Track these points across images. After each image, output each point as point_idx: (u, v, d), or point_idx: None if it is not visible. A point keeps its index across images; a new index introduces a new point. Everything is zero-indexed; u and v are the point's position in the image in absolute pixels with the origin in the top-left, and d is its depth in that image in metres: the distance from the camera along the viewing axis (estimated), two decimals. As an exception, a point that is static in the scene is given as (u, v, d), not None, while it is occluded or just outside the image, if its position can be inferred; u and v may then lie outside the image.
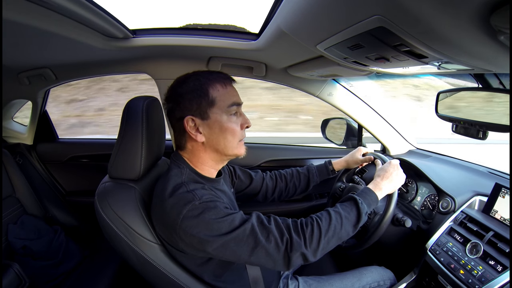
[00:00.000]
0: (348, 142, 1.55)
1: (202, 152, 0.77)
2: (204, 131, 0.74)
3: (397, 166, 0.91)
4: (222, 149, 0.76)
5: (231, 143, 0.76)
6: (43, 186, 1.58)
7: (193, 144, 0.77)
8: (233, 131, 0.75)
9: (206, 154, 0.77)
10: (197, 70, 0.78)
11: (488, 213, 0.88)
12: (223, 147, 0.76)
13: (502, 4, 0.28)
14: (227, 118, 0.74)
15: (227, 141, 0.75)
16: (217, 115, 0.73)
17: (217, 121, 0.73)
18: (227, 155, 0.79)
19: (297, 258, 0.68)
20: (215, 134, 0.74)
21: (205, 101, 0.73)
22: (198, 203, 0.66)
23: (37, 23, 0.71)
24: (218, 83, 0.74)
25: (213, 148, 0.76)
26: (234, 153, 0.78)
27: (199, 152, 0.77)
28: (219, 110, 0.73)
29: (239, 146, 0.78)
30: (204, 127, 0.74)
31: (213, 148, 0.76)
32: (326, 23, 0.54)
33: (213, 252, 0.67)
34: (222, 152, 0.77)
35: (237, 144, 0.77)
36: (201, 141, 0.75)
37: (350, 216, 0.75)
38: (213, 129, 0.74)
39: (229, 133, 0.75)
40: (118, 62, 1.27)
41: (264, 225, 0.69)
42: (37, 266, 1.20)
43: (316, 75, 1.14)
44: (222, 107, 0.73)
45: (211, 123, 0.74)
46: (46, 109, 1.66)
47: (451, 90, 0.81)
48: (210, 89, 0.73)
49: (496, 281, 0.72)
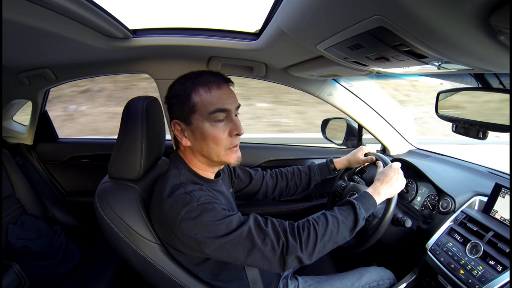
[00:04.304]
0: (348, 142, 1.55)
1: (191, 155, 0.77)
2: (188, 136, 0.73)
3: (398, 170, 0.89)
4: (207, 155, 0.74)
5: (214, 151, 0.72)
6: (43, 186, 1.58)
7: (184, 146, 0.77)
8: (216, 139, 0.71)
9: (196, 158, 0.77)
10: (197, 70, 0.77)
11: (488, 213, 0.88)
12: (207, 154, 0.74)
13: (502, 4, 0.28)
14: (209, 125, 0.70)
15: (210, 148, 0.72)
16: (199, 121, 0.70)
17: (198, 128, 0.71)
18: (214, 162, 0.76)
19: (292, 261, 0.68)
20: (198, 140, 0.72)
21: (186, 107, 0.70)
22: (196, 204, 0.66)
23: (37, 23, 0.71)
24: (201, 88, 0.70)
25: (199, 153, 0.75)
26: (220, 160, 0.74)
27: (189, 155, 0.77)
28: (200, 116, 0.70)
29: (227, 154, 0.74)
30: (188, 132, 0.73)
31: (199, 153, 0.75)
32: (326, 23, 0.54)
33: (210, 253, 0.67)
34: (208, 158, 0.75)
35: (224, 152, 0.73)
36: (187, 145, 0.74)
37: (347, 220, 0.75)
38: (195, 135, 0.72)
39: (211, 140, 0.71)
40: (118, 62, 1.27)
41: (261, 228, 0.69)
42: (37, 266, 1.20)
43: (316, 75, 1.14)
44: (203, 114, 0.70)
45: (193, 128, 0.72)
46: (46, 109, 1.66)
47: (451, 90, 0.81)
48: (192, 94, 0.70)
49: (496, 281, 0.72)
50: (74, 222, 1.55)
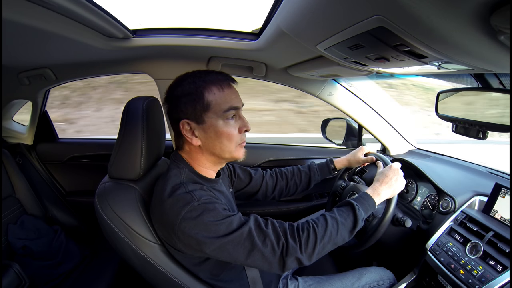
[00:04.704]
0: (348, 142, 1.55)
1: (199, 155, 0.77)
2: (199, 135, 0.73)
3: (398, 171, 0.89)
4: (219, 153, 0.75)
5: (227, 148, 0.74)
6: (43, 186, 1.58)
7: (190, 146, 0.76)
8: (230, 136, 0.73)
9: (203, 157, 0.77)
10: (197, 69, 0.77)
11: (488, 213, 0.88)
12: (219, 151, 0.75)
13: (502, 4, 0.28)
14: (223, 122, 0.72)
15: (223, 145, 0.74)
16: (213, 119, 0.71)
17: (212, 126, 0.72)
18: (224, 159, 0.78)
19: (292, 262, 0.68)
20: (210, 138, 0.73)
21: (200, 106, 0.71)
22: (197, 204, 0.66)
23: (37, 23, 0.71)
24: (214, 86, 0.71)
25: (209, 151, 0.76)
26: (231, 156, 0.76)
27: (196, 154, 0.77)
28: (214, 115, 0.71)
29: (237, 150, 0.76)
30: (199, 131, 0.73)
31: (209, 152, 0.76)
32: (326, 23, 0.54)
33: (210, 253, 0.67)
34: (219, 156, 0.76)
35: (235, 148, 0.75)
36: (197, 144, 0.74)
37: (346, 222, 0.75)
38: (208, 133, 0.73)
39: (225, 138, 0.73)
40: (118, 62, 1.27)
41: (261, 229, 0.69)
42: (37, 266, 1.20)
43: (316, 75, 1.14)
44: (217, 112, 0.71)
45: (206, 127, 0.72)
46: (46, 109, 1.66)
47: (451, 90, 0.81)
48: (205, 92, 0.70)
49: (496, 281, 0.72)
50: (74, 222, 1.55)
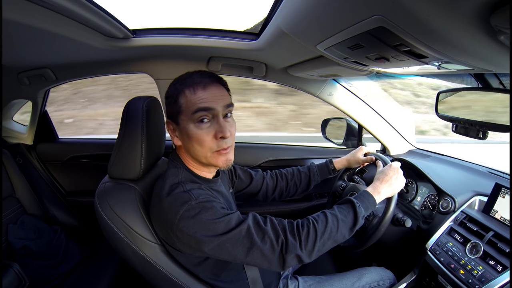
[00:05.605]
0: (348, 142, 1.55)
1: (185, 155, 0.77)
2: (179, 136, 0.75)
3: (398, 170, 0.89)
4: (195, 156, 0.74)
5: (200, 153, 0.72)
6: (43, 186, 1.57)
7: (177, 146, 0.78)
8: (200, 141, 0.70)
9: (188, 157, 0.77)
10: (197, 70, 0.77)
11: (488, 213, 0.88)
12: (194, 155, 0.74)
13: (502, 4, 0.28)
14: (194, 126, 0.70)
15: (196, 150, 0.72)
16: (185, 122, 0.71)
17: (184, 129, 0.72)
18: (203, 164, 0.76)
19: (292, 260, 0.68)
20: (185, 141, 0.73)
21: (175, 108, 0.72)
22: (195, 203, 0.66)
23: (37, 23, 0.71)
24: (187, 89, 0.70)
25: (189, 154, 0.76)
26: (208, 162, 0.74)
27: (183, 154, 0.78)
28: (185, 117, 0.71)
29: (214, 157, 0.72)
30: (178, 133, 0.75)
31: (189, 154, 0.76)
32: (326, 23, 0.54)
33: (209, 251, 0.67)
34: (196, 159, 0.75)
35: (211, 154, 0.72)
36: (178, 144, 0.76)
37: (346, 219, 0.75)
38: (183, 136, 0.73)
39: (196, 142, 0.71)
40: (118, 62, 1.27)
41: (260, 226, 0.69)
42: (37, 266, 1.20)
43: (316, 75, 1.14)
44: (187, 114, 0.70)
45: (181, 129, 0.73)
46: (46, 109, 1.66)
47: (451, 90, 0.80)
48: (179, 96, 0.71)
49: (496, 281, 0.72)
50: (74, 222, 1.55)
